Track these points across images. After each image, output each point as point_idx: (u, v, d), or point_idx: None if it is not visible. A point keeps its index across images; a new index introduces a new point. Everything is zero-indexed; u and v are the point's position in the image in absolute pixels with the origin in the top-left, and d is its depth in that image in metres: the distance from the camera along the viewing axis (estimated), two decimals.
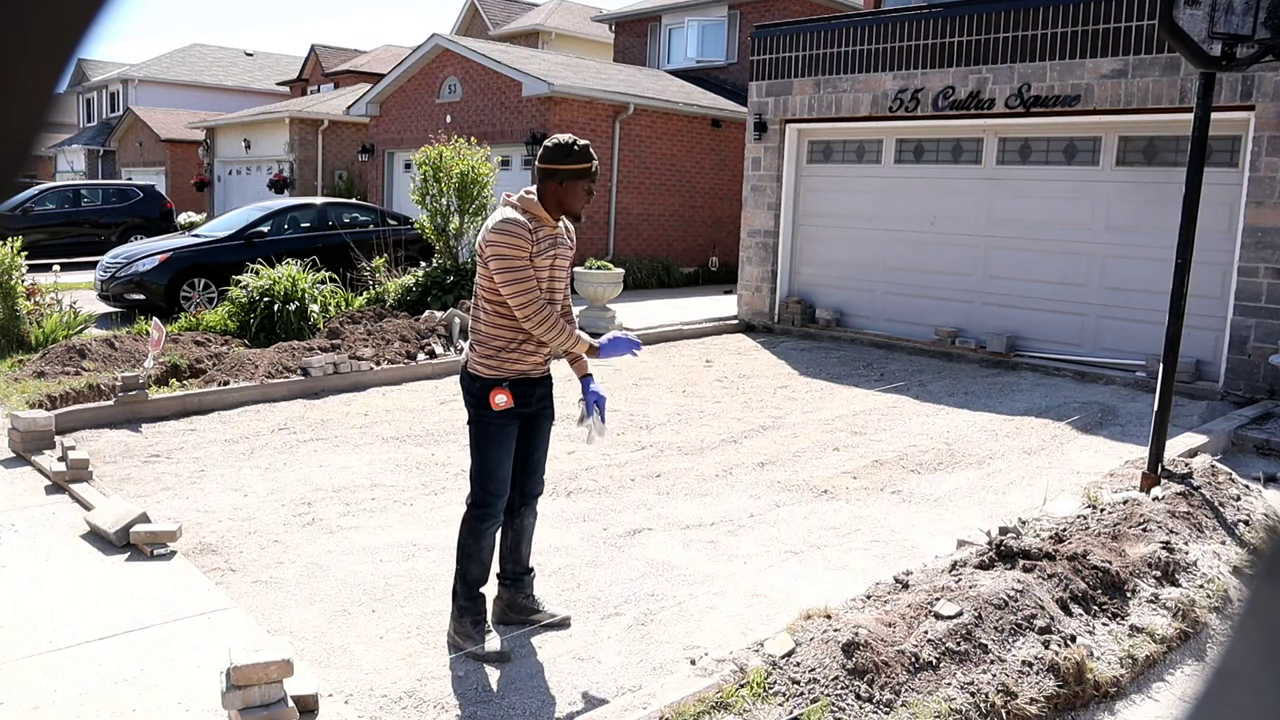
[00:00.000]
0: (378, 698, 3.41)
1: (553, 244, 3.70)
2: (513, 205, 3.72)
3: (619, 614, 4.14)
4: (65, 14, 0.36)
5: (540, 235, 3.65)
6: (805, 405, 8.34)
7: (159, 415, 7.15)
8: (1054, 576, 3.93)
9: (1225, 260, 9.01)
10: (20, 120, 0.37)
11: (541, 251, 3.65)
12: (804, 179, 12.61)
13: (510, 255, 3.55)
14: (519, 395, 3.70)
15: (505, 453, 3.72)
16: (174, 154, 31.86)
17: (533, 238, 3.59)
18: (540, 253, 3.64)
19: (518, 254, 3.55)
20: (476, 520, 3.73)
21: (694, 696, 3.08)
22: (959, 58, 10.59)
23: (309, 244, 13.01)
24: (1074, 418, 8.03)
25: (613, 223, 17.46)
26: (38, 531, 4.81)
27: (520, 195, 3.74)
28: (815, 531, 5.25)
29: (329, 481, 5.83)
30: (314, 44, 34.77)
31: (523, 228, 3.58)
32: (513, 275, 3.56)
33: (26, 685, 3.33)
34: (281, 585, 4.35)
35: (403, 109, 19.94)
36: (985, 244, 10.92)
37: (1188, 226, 5.47)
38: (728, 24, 21.18)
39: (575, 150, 3.64)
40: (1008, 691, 3.26)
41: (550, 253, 3.69)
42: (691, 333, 12.05)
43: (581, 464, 6.35)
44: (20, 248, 9.47)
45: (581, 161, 3.63)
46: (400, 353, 9.07)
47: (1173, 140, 9.43)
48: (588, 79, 17.47)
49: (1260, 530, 4.89)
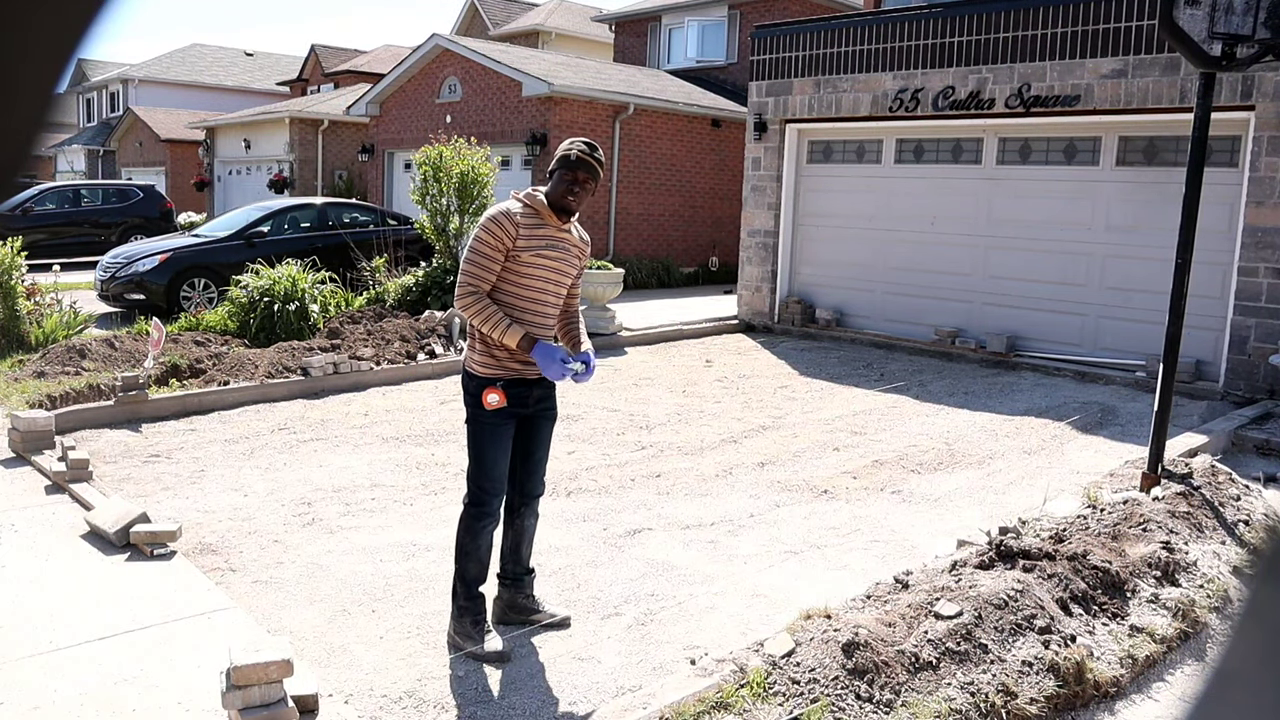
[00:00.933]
0: (378, 698, 3.41)
1: (549, 243, 3.69)
2: (517, 197, 3.76)
3: (619, 614, 4.14)
4: (65, 14, 0.36)
5: (536, 231, 3.66)
6: (805, 405, 8.34)
7: (159, 415, 7.15)
8: (1054, 576, 3.93)
9: (1225, 260, 9.01)
10: (20, 120, 0.37)
11: (532, 248, 3.65)
12: (804, 179, 12.61)
13: (481, 239, 3.62)
14: (515, 396, 3.69)
15: (500, 452, 3.71)
16: (174, 154, 31.86)
17: (516, 231, 3.61)
18: (531, 248, 3.64)
19: (489, 240, 3.60)
20: (473, 519, 3.73)
21: (694, 696, 3.08)
22: (959, 58, 10.59)
23: (309, 244, 13.01)
24: (1074, 418, 8.02)
25: (613, 223, 17.46)
26: (38, 531, 4.81)
27: (528, 190, 3.79)
28: (815, 531, 5.25)
29: (329, 481, 5.83)
30: (314, 44, 34.77)
31: (508, 218, 3.62)
32: (472, 255, 3.63)
33: (26, 685, 3.33)
34: (281, 585, 4.35)
35: (403, 109, 19.94)
36: (985, 244, 10.92)
37: (1188, 226, 5.47)
38: (728, 24, 21.18)
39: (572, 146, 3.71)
40: (1008, 691, 3.26)
41: (544, 251, 3.68)
42: (691, 333, 12.05)
43: (581, 464, 6.35)
44: (20, 248, 9.46)
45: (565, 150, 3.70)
46: (400, 353, 9.07)
47: (1173, 140, 9.43)
48: (588, 79, 17.47)
49: (1260, 530, 4.89)
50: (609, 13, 24.93)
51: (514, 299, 3.67)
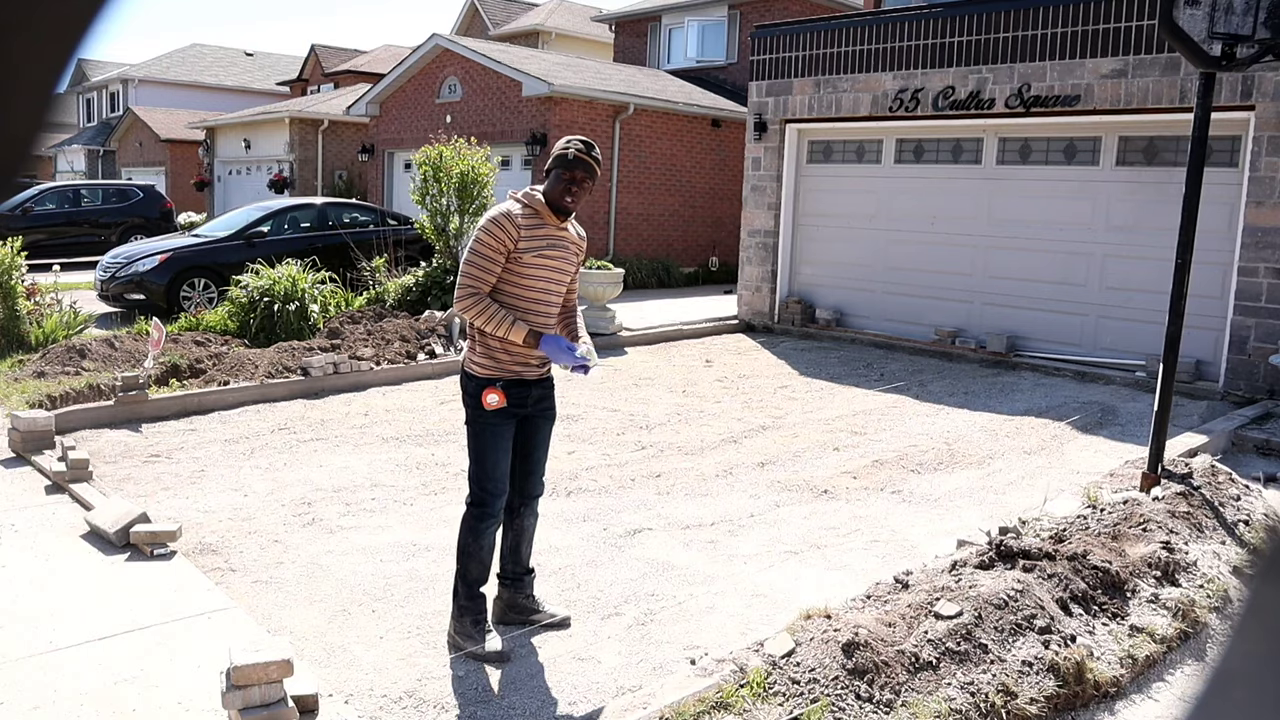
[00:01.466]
0: (378, 698, 3.41)
1: (550, 243, 3.69)
2: (515, 198, 3.74)
3: (619, 614, 4.14)
4: (65, 14, 0.36)
5: (536, 232, 3.66)
6: (805, 405, 8.34)
7: (159, 415, 7.15)
8: (1054, 576, 3.93)
9: (1225, 260, 9.01)
10: (20, 120, 0.37)
11: (533, 249, 3.64)
12: (804, 179, 12.61)
13: (482, 241, 3.60)
14: (514, 396, 3.69)
15: (501, 452, 3.72)
16: (174, 154, 31.86)
17: (517, 233, 3.60)
18: (532, 249, 3.64)
19: (490, 242, 3.59)
20: (475, 520, 3.73)
21: (694, 696, 3.08)
22: (959, 58, 10.59)
23: (309, 244, 13.01)
24: (1074, 418, 8.02)
25: (613, 223, 17.46)
26: (38, 531, 4.81)
27: (526, 190, 3.77)
28: (815, 531, 5.25)
29: (329, 481, 5.83)
30: (314, 44, 34.78)
31: (509, 220, 3.61)
32: (473, 257, 3.61)
33: (26, 685, 3.33)
34: (281, 585, 4.35)
35: (403, 109, 19.94)
36: (985, 244, 10.92)
37: (1188, 226, 5.47)
38: (728, 24, 21.18)
39: (569, 145, 3.69)
40: (1008, 691, 3.26)
41: (546, 251, 3.68)
42: (691, 333, 12.05)
43: (581, 464, 6.35)
44: (20, 248, 9.47)
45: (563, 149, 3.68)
46: (400, 353, 9.08)
47: (1173, 140, 9.43)
48: (588, 79, 17.47)
49: (1260, 530, 4.89)
50: (609, 13, 24.93)
51: (517, 300, 3.67)
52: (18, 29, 0.35)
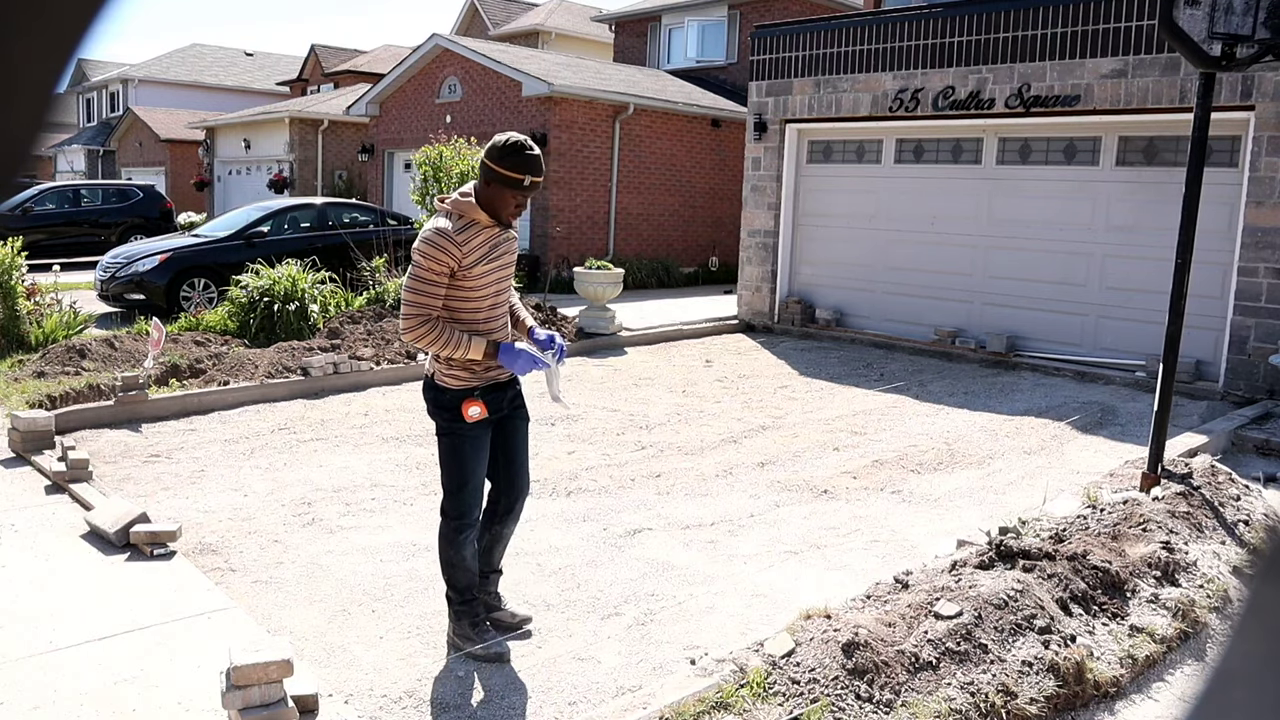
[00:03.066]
0: (378, 698, 3.41)
1: (492, 247, 3.52)
2: (445, 212, 3.51)
3: (619, 614, 4.14)
4: (65, 14, 0.36)
5: (476, 241, 3.46)
6: (805, 405, 8.34)
7: (159, 415, 7.15)
8: (1054, 576, 3.93)
9: (1225, 260, 9.01)
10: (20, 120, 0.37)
11: (482, 258, 3.47)
12: (804, 179, 12.61)
13: (424, 266, 3.39)
14: (492, 402, 3.61)
15: (481, 463, 3.65)
16: (174, 154, 31.87)
17: (461, 251, 3.41)
18: (481, 259, 3.46)
19: (432, 267, 3.38)
20: (455, 532, 3.66)
21: (694, 696, 3.08)
22: (959, 58, 10.59)
23: (309, 244, 13.01)
24: (1074, 418, 8.03)
25: (613, 223, 17.46)
26: (38, 531, 4.81)
27: (454, 198, 3.53)
28: (815, 531, 5.25)
29: (329, 481, 5.83)
30: (314, 44, 34.78)
31: (448, 240, 3.39)
32: (416, 284, 3.41)
33: (26, 685, 3.33)
34: (281, 585, 4.35)
35: (403, 109, 19.94)
36: (985, 244, 10.92)
37: (1187, 226, 5.47)
38: (728, 24, 21.18)
39: (509, 152, 3.40)
40: (1008, 691, 3.26)
41: (492, 259, 3.51)
42: (691, 333, 12.05)
43: (581, 464, 6.35)
44: (20, 248, 9.47)
45: (513, 170, 3.38)
46: (400, 353, 9.08)
47: (1173, 140, 9.43)
48: (588, 79, 17.47)
49: (1260, 530, 4.89)
50: (609, 13, 24.93)
51: (472, 314, 3.53)
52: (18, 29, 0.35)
